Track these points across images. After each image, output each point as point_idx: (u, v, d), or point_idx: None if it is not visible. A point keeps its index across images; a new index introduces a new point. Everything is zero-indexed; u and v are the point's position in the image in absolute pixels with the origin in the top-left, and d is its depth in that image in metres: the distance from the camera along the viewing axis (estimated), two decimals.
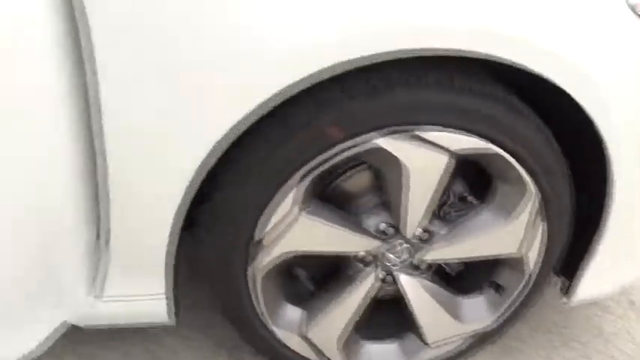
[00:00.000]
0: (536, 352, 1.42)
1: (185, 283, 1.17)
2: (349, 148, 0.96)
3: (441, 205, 1.14)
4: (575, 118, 1.01)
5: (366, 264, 1.15)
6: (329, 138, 0.92)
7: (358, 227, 1.09)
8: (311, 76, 0.82)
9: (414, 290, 1.18)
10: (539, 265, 1.18)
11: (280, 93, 0.84)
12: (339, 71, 0.84)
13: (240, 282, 1.07)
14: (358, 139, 0.95)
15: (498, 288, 1.23)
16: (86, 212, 0.99)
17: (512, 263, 1.19)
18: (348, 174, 1.10)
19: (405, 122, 0.94)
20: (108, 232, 0.98)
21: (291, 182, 0.97)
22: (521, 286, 1.21)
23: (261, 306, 1.11)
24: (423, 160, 0.99)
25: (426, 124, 0.95)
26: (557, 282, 1.28)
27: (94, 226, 1.01)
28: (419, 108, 0.93)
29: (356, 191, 1.12)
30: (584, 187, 1.14)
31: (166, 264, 1.04)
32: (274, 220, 1.00)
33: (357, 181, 1.11)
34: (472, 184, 1.17)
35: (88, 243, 1.03)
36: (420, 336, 1.23)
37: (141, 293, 1.08)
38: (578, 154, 1.10)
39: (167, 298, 1.09)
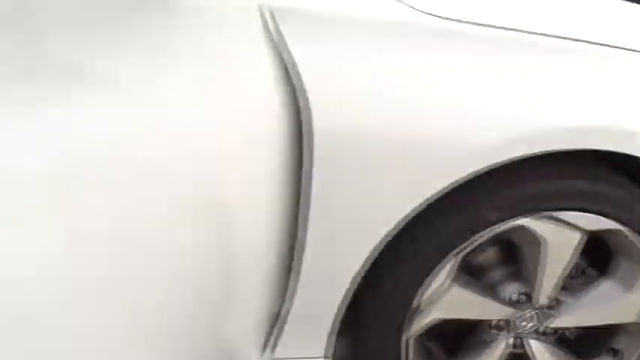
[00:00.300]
0: None
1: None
2: (497, 228, 1.13)
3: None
4: None
5: (499, 329, 1.29)
6: (484, 222, 1.10)
7: (496, 296, 1.24)
8: (489, 167, 1.02)
9: (542, 354, 1.31)
10: None
11: (454, 183, 1.03)
12: (501, 165, 1.03)
13: (394, 346, 1.22)
14: (508, 221, 1.12)
15: (617, 353, 1.35)
16: (269, 283, 1.16)
17: (631, 329, 1.31)
18: (480, 248, 1.26)
19: (548, 207, 1.12)
20: (292, 300, 1.15)
21: (448, 258, 1.14)
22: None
23: None
24: (560, 237, 1.16)
25: (565, 208, 1.13)
26: None
27: (274, 296, 1.18)
28: (561, 195, 1.12)
29: (487, 264, 1.28)
30: None
31: (332, 329, 1.20)
32: (431, 290, 1.16)
33: (488, 255, 1.28)
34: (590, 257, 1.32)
35: (266, 310, 1.20)
36: None
37: (304, 356, 1.24)
38: None
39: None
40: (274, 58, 0.95)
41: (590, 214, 1.14)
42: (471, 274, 1.25)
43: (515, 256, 1.24)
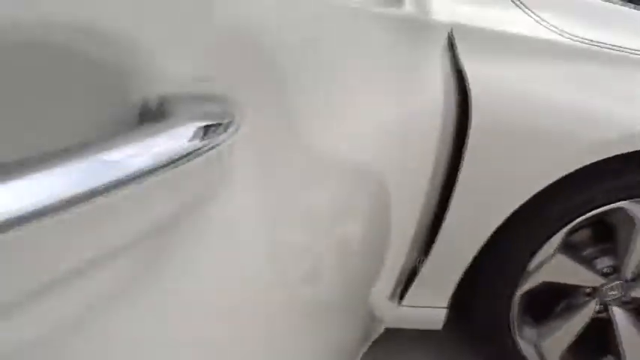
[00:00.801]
0: None
1: None
2: (603, 208, 1.39)
3: None
4: None
5: (588, 296, 1.56)
6: (596, 202, 1.36)
7: (591, 267, 1.51)
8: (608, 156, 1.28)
9: (622, 319, 1.57)
10: None
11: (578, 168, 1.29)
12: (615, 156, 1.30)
13: (507, 303, 1.49)
14: (612, 205, 1.38)
15: None
16: (409, 244, 1.44)
17: None
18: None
19: None
20: (424, 260, 1.42)
21: (558, 233, 1.41)
22: None
23: (514, 323, 1.53)
24: None
25: None
26: None
27: (410, 254, 1.46)
28: None
29: (584, 239, 1.55)
30: None
31: (455, 283, 1.47)
32: (540, 257, 1.43)
33: (582, 233, 1.55)
34: None
35: (402, 266, 1.47)
36: (619, 358, 1.61)
37: (430, 305, 1.52)
38: None
39: (447, 309, 1.52)
40: (450, 65, 1.23)
41: None
42: (571, 246, 1.52)
43: (608, 235, 1.51)
